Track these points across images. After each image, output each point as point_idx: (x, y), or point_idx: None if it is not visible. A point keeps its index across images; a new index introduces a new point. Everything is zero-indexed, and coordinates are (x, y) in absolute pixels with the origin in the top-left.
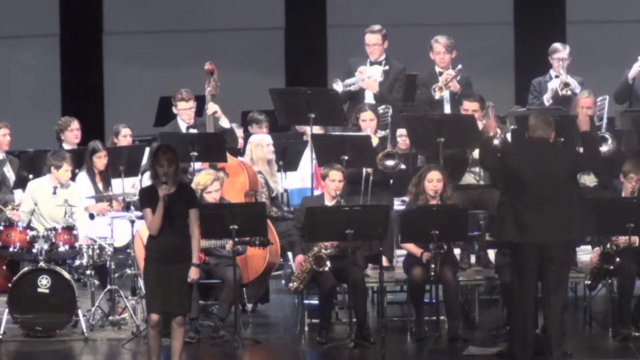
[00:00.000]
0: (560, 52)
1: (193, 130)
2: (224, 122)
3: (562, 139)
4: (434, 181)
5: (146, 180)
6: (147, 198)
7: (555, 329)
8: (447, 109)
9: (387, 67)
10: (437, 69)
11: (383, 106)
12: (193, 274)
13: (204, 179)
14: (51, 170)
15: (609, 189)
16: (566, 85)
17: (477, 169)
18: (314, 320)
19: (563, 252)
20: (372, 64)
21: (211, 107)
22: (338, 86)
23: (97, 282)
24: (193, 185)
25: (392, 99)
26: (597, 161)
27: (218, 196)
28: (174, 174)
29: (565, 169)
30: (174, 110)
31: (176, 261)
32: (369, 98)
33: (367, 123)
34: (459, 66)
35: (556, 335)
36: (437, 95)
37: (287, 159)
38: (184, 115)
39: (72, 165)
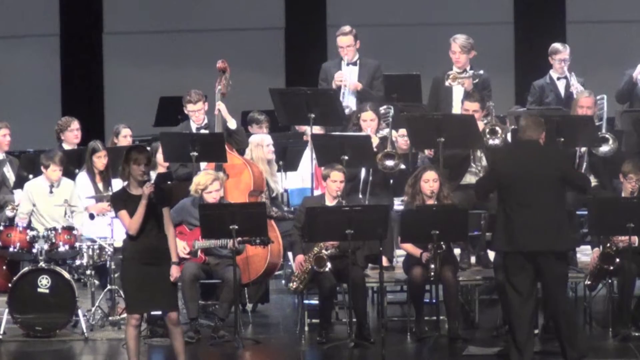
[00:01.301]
0: (562, 52)
1: (205, 131)
2: (231, 124)
3: (562, 139)
4: (430, 181)
5: None
6: (122, 200)
7: (569, 328)
8: (457, 108)
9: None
10: (454, 68)
11: (385, 106)
12: (175, 272)
13: (204, 179)
14: (42, 170)
15: (608, 189)
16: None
17: (478, 169)
18: (314, 320)
19: (553, 255)
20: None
21: (217, 107)
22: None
23: (97, 282)
24: (193, 187)
25: (376, 96)
26: (589, 186)
27: (218, 196)
28: (149, 174)
29: (554, 170)
30: (185, 112)
31: (159, 261)
32: (347, 93)
33: (368, 123)
34: (481, 71)
35: (570, 333)
36: (447, 82)
37: (287, 159)
38: (193, 117)
39: (60, 166)
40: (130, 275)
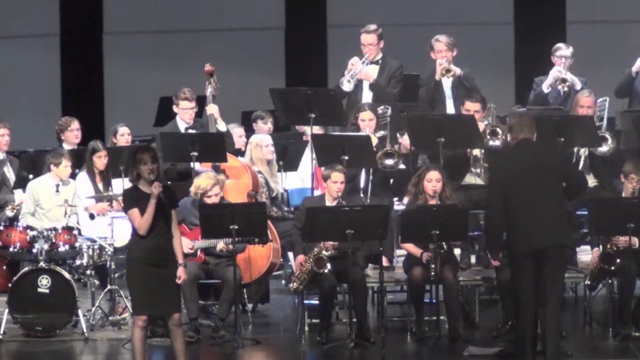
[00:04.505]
0: (563, 49)
1: (192, 131)
2: (221, 126)
3: (562, 139)
4: (433, 181)
5: None
6: (134, 198)
7: (551, 327)
8: (450, 105)
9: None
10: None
11: (382, 106)
12: (182, 274)
13: (205, 183)
14: (51, 169)
15: (609, 189)
16: (563, 81)
17: (478, 171)
18: (314, 320)
19: (557, 251)
20: (369, 63)
21: (210, 109)
22: (348, 85)
23: (97, 282)
24: (193, 189)
25: (389, 92)
26: (585, 184)
27: (218, 200)
28: (157, 171)
29: (552, 168)
30: (175, 109)
31: (164, 263)
32: (366, 89)
33: (366, 123)
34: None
35: (552, 333)
36: (444, 80)
37: (287, 159)
38: (186, 115)
39: (71, 161)
40: (137, 276)
